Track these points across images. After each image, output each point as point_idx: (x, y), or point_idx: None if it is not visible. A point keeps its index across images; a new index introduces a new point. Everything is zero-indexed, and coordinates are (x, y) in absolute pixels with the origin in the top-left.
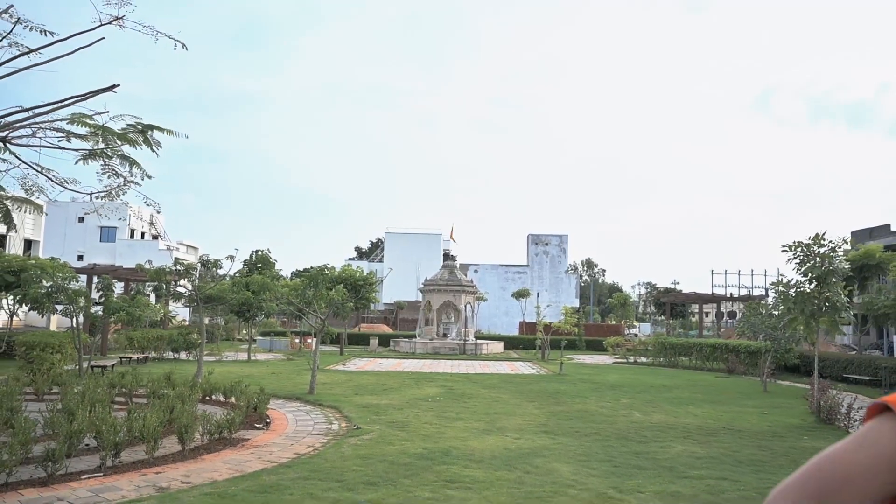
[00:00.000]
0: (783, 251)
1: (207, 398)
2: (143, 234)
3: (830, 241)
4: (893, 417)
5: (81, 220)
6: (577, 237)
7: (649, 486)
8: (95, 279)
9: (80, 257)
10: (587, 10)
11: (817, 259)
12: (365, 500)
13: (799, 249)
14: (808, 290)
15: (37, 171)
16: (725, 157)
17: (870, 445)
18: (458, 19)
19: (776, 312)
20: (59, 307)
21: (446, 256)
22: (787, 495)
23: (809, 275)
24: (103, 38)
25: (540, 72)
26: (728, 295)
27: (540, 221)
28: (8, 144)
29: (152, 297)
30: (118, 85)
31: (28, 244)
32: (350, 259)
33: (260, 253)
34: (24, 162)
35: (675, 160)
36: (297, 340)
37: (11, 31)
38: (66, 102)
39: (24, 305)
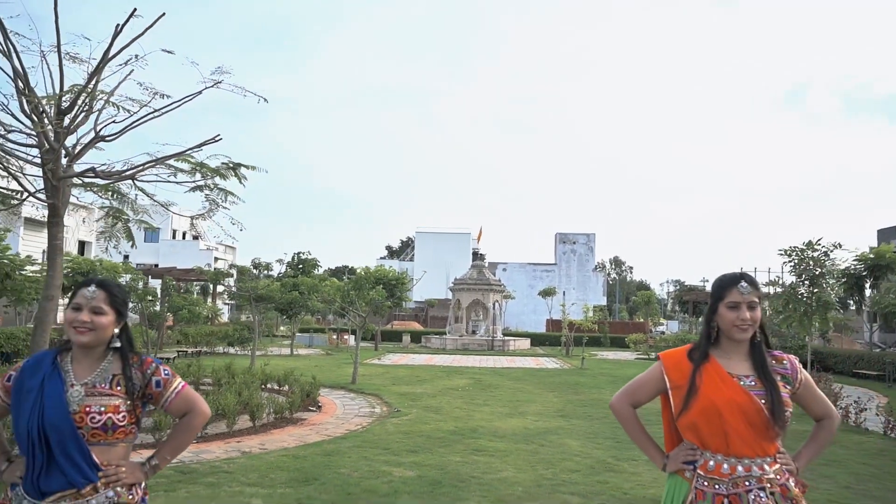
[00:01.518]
0: (779, 255)
1: (263, 386)
2: (184, 235)
3: (822, 246)
4: (661, 363)
5: (126, 220)
6: (606, 235)
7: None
8: (150, 278)
9: (126, 257)
10: (613, 8)
11: (810, 262)
12: None
13: (794, 254)
14: (802, 291)
15: (152, 199)
16: (760, 153)
17: (650, 372)
18: (482, 19)
19: (779, 311)
20: (130, 304)
21: (475, 256)
22: (618, 395)
23: (803, 276)
24: (201, 92)
25: (566, 70)
26: None
27: (568, 220)
28: (135, 181)
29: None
30: (221, 137)
31: (81, 245)
32: (381, 258)
33: (302, 255)
34: (145, 193)
35: (708, 156)
36: (334, 337)
37: (150, 101)
38: (184, 151)
39: None
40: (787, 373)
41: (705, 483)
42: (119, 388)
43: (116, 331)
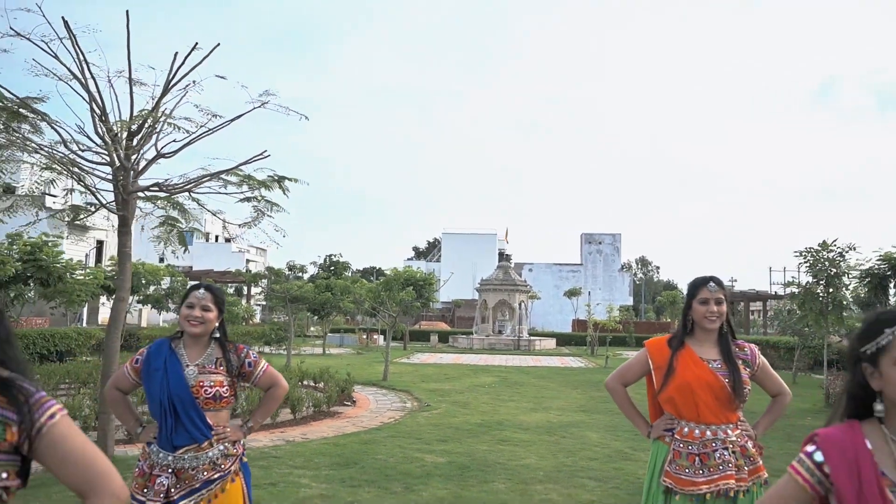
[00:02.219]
0: (795, 256)
1: (301, 382)
2: (216, 238)
3: (838, 247)
4: (646, 349)
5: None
6: (632, 235)
7: None
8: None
9: (162, 259)
10: (634, 9)
11: (825, 263)
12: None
13: (809, 255)
14: (818, 291)
15: (204, 208)
16: (790, 151)
17: (638, 356)
18: (501, 20)
19: (796, 310)
20: (172, 305)
21: (501, 256)
22: (611, 376)
23: (817, 276)
24: (248, 112)
25: (588, 71)
26: (774, 293)
27: (594, 220)
28: (191, 193)
29: None
30: (268, 154)
31: None
32: (408, 259)
33: (333, 257)
34: (199, 204)
35: (734, 156)
36: (364, 336)
37: (207, 123)
38: (236, 167)
39: (145, 305)
40: (748, 358)
41: (681, 445)
42: (221, 367)
43: (217, 324)
